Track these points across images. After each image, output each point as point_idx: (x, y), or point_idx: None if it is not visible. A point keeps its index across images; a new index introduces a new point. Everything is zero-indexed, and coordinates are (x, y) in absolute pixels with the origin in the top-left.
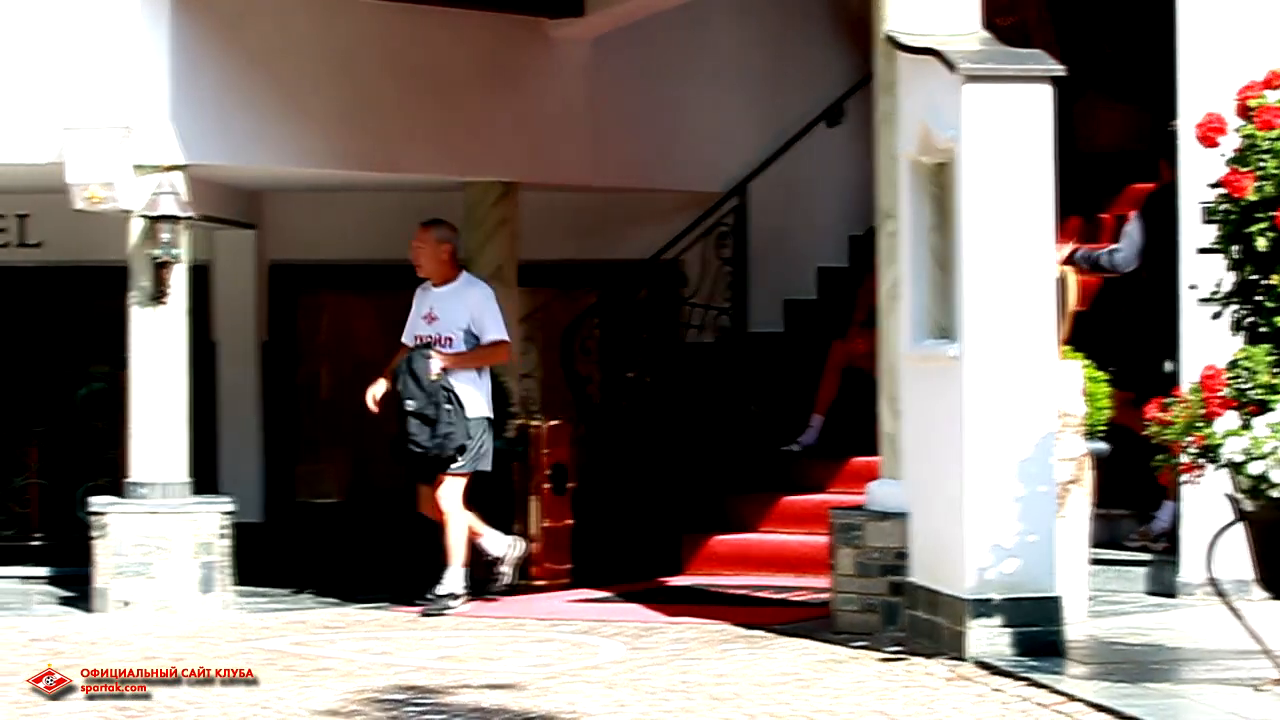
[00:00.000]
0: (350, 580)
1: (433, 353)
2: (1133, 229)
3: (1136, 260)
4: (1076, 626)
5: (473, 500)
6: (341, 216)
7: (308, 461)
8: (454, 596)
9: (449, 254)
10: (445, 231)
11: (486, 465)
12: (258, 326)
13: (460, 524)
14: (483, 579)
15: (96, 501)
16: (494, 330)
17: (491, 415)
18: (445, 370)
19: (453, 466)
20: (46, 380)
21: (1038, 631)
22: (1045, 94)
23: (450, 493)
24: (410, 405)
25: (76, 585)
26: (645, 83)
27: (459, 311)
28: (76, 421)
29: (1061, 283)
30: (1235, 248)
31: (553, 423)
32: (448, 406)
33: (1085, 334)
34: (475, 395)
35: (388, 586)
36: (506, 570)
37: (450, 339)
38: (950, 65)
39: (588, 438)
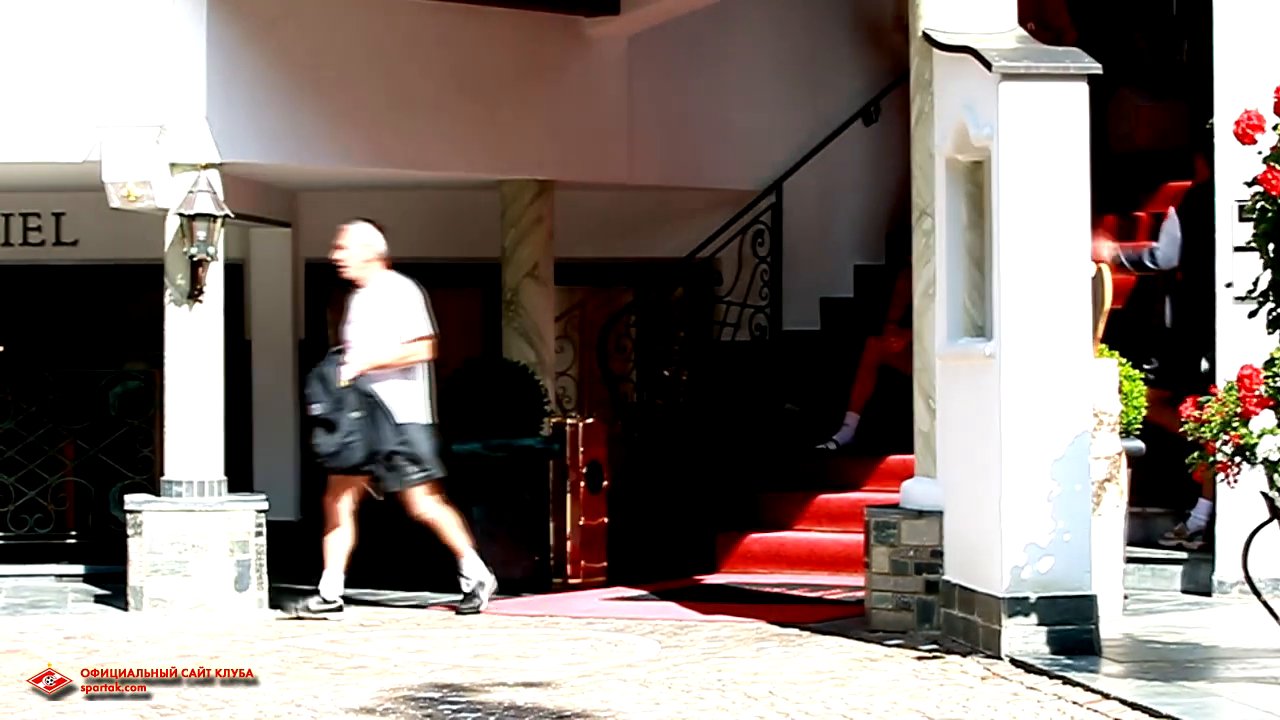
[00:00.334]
0: (385, 578)
1: (344, 359)
2: (1171, 225)
3: (1177, 256)
4: (1112, 625)
5: (512, 504)
6: (376, 215)
7: None
8: (482, 585)
9: (373, 253)
10: (368, 230)
11: (437, 471)
12: (293, 325)
13: (449, 521)
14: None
15: (131, 500)
16: (411, 326)
17: (430, 420)
18: (359, 377)
19: (407, 481)
20: (82, 378)
21: (1073, 630)
22: (1081, 91)
23: (423, 503)
24: (314, 410)
25: (111, 583)
26: (681, 81)
27: (379, 311)
28: (111, 420)
29: (1097, 281)
30: (1271, 246)
31: (588, 421)
32: (354, 414)
33: (1121, 332)
34: (405, 399)
35: (422, 585)
36: (313, 605)
37: (365, 341)
38: (986, 63)
39: (623, 436)
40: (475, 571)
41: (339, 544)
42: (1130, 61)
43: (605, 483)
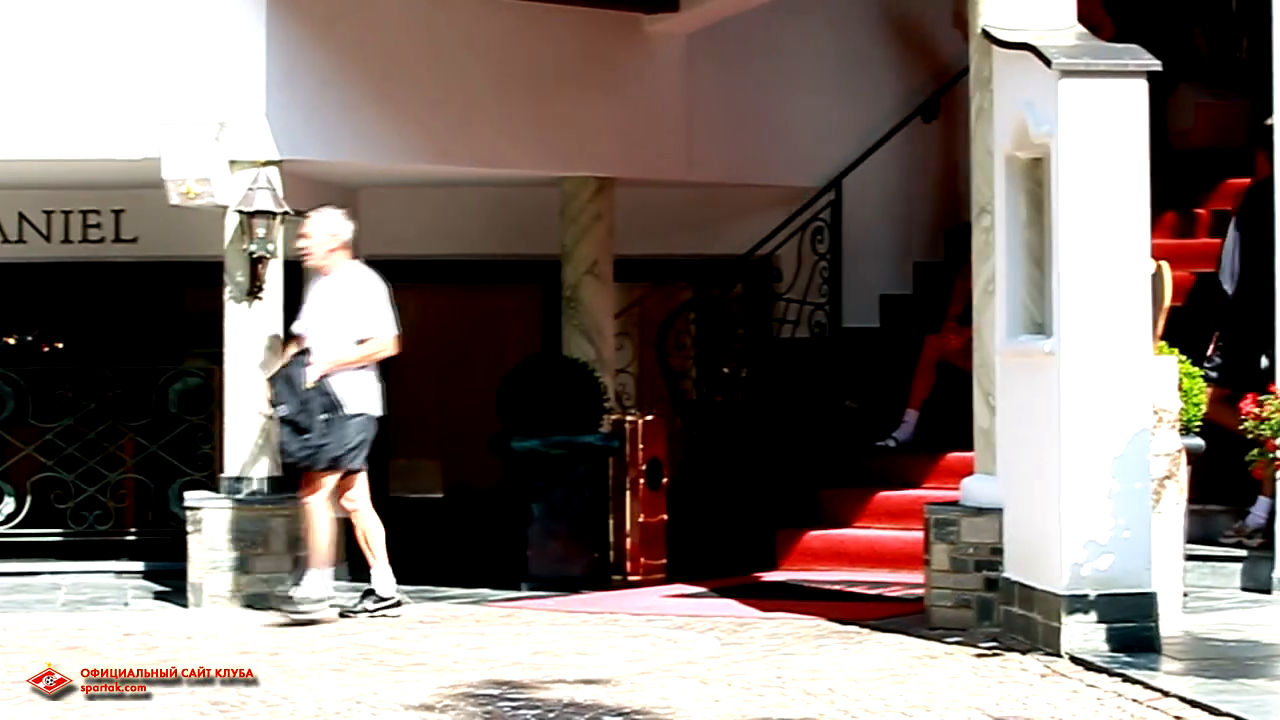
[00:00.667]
0: (443, 575)
1: (309, 359)
2: (1228, 243)
3: (1235, 274)
4: (1171, 622)
5: (572, 501)
6: (436, 212)
7: (402, 456)
8: (319, 602)
9: (338, 242)
10: (335, 218)
11: (359, 463)
12: None
13: (326, 528)
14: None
15: (191, 497)
16: (374, 325)
17: (378, 412)
18: (324, 376)
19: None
20: (141, 375)
21: (1133, 627)
22: (1141, 88)
23: (319, 496)
24: (282, 412)
25: (171, 580)
26: (740, 78)
27: (340, 303)
28: (171, 416)
29: (1157, 278)
30: None
31: (648, 418)
32: (323, 416)
33: (1181, 330)
34: (355, 391)
35: (483, 581)
36: (370, 605)
37: (322, 334)
38: (1046, 60)
39: (683, 433)
40: (320, 589)
41: (374, 538)
42: (1190, 58)
43: (665, 480)
